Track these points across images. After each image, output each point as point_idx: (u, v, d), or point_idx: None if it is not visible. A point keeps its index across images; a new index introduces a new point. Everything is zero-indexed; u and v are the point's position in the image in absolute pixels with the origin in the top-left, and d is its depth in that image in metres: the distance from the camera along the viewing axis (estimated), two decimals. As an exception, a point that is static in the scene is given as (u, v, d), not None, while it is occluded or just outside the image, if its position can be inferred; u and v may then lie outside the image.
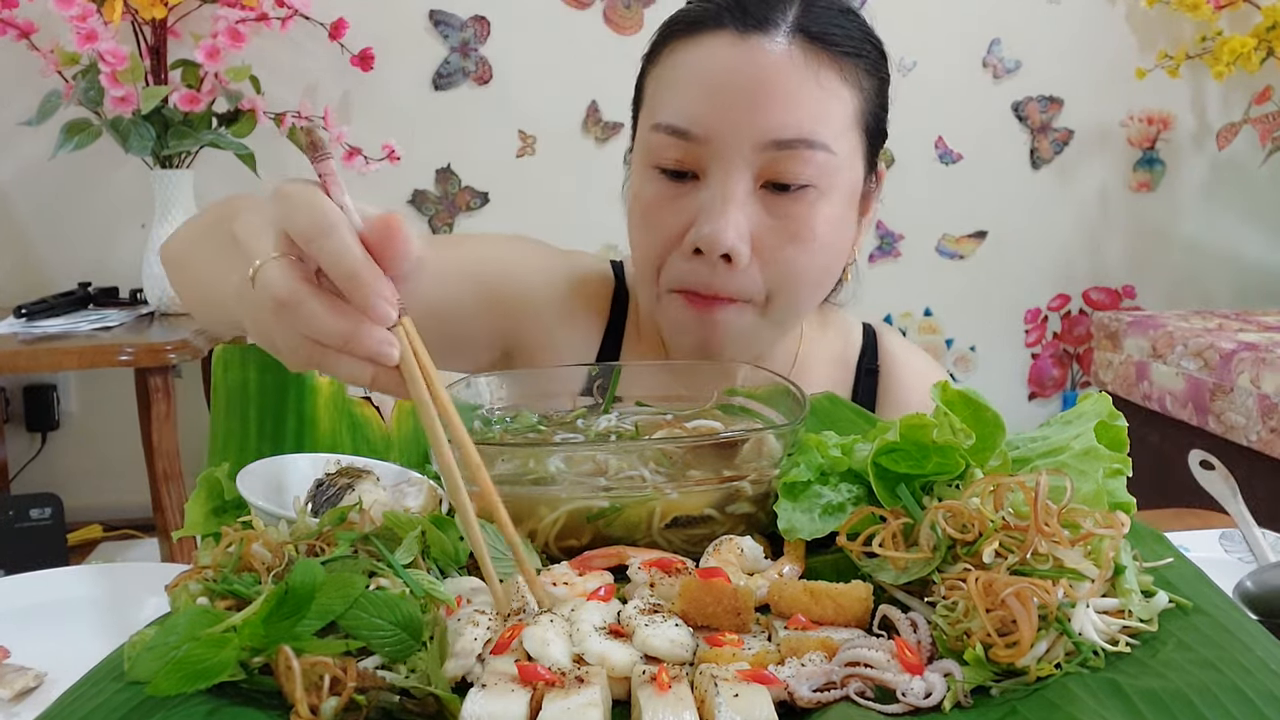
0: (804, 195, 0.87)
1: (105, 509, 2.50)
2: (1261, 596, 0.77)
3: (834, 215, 0.89)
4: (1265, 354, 2.04)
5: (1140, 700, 0.48)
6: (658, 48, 0.92)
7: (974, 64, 2.75)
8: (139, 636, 0.52)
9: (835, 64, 0.87)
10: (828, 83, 0.87)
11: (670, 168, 0.88)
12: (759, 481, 0.68)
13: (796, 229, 0.87)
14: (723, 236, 0.85)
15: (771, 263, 0.88)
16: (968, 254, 2.84)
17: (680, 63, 0.89)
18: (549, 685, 0.49)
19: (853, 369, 1.09)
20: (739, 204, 0.86)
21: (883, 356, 1.10)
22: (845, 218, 0.92)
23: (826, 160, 0.87)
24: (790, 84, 0.85)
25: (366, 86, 2.49)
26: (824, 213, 0.88)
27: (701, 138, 0.86)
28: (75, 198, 2.47)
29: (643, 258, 0.92)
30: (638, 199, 0.92)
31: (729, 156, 0.86)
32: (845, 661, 0.52)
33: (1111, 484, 0.64)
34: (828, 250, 0.90)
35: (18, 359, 1.97)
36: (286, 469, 0.75)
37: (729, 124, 0.85)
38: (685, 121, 0.86)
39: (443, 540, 0.62)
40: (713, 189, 0.86)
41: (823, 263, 0.91)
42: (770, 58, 0.85)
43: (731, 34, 0.86)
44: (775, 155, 0.85)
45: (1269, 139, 2.73)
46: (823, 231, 0.88)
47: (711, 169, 0.86)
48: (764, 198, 0.87)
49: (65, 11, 2.06)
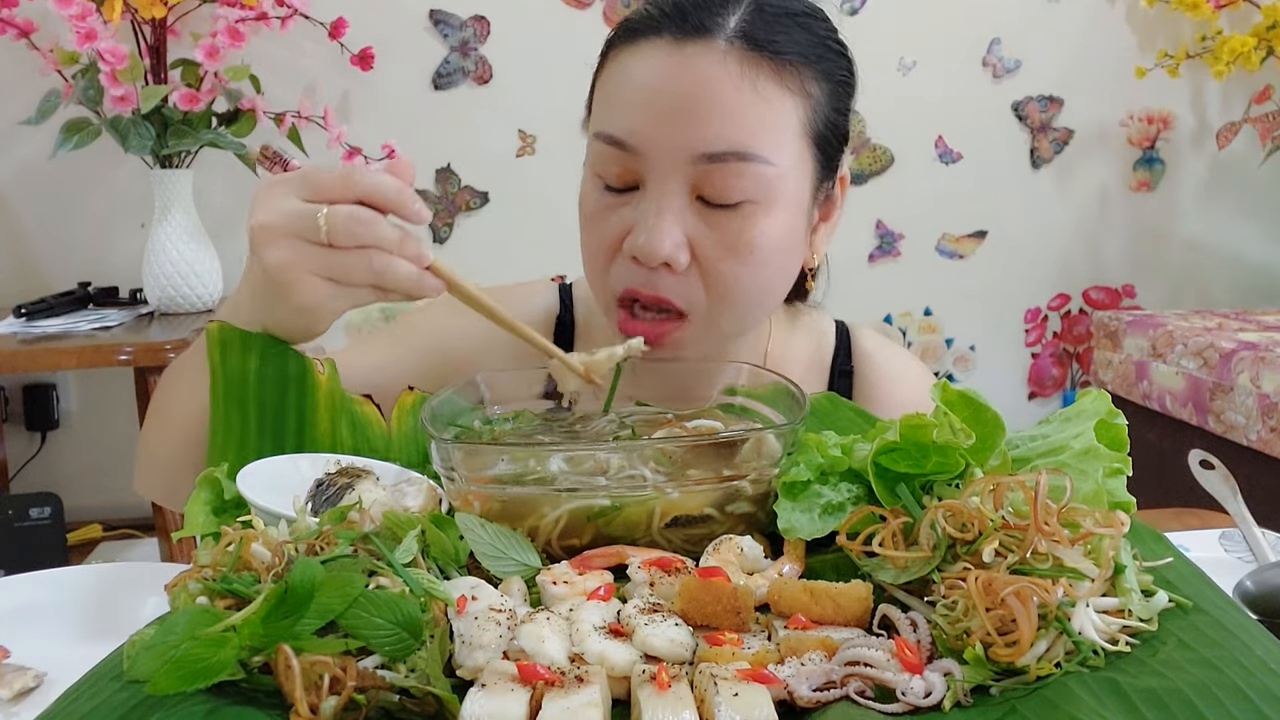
0: (741, 209, 0.85)
1: (105, 508, 2.50)
2: (1261, 596, 0.77)
3: (776, 228, 0.87)
4: (1265, 354, 2.04)
5: (1140, 700, 0.48)
6: (605, 52, 0.92)
7: (974, 64, 2.75)
8: (139, 636, 0.52)
9: (776, 72, 0.85)
10: (767, 92, 0.84)
11: (612, 182, 0.88)
12: (759, 481, 0.68)
13: (734, 242, 0.86)
14: (658, 247, 0.84)
15: (710, 274, 0.87)
16: (968, 254, 2.84)
17: (619, 70, 0.89)
18: (549, 685, 0.49)
19: (826, 371, 1.07)
20: (674, 215, 0.85)
21: (857, 357, 1.08)
22: (792, 228, 0.89)
23: (764, 172, 0.84)
24: (724, 95, 0.83)
25: (366, 86, 2.49)
26: (764, 226, 0.86)
27: (636, 149, 0.85)
28: (75, 197, 2.47)
29: (591, 266, 0.93)
30: (582, 207, 0.92)
31: (663, 168, 0.85)
32: (845, 661, 0.52)
33: (1111, 483, 0.64)
34: (769, 263, 0.88)
35: (17, 359, 1.97)
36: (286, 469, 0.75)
37: (662, 137, 0.84)
38: (621, 133, 0.86)
39: (443, 540, 0.62)
40: (649, 200, 0.86)
41: (764, 276, 0.89)
42: (704, 67, 0.83)
43: (669, 41, 0.85)
44: (709, 168, 0.84)
45: (1269, 138, 2.73)
46: (762, 245, 0.86)
47: (648, 180, 0.86)
48: (701, 209, 0.86)
49: (65, 11, 2.06)
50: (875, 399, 1.04)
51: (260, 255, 0.74)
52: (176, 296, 2.23)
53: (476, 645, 0.52)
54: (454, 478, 0.68)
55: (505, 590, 0.60)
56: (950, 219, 2.82)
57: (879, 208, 2.77)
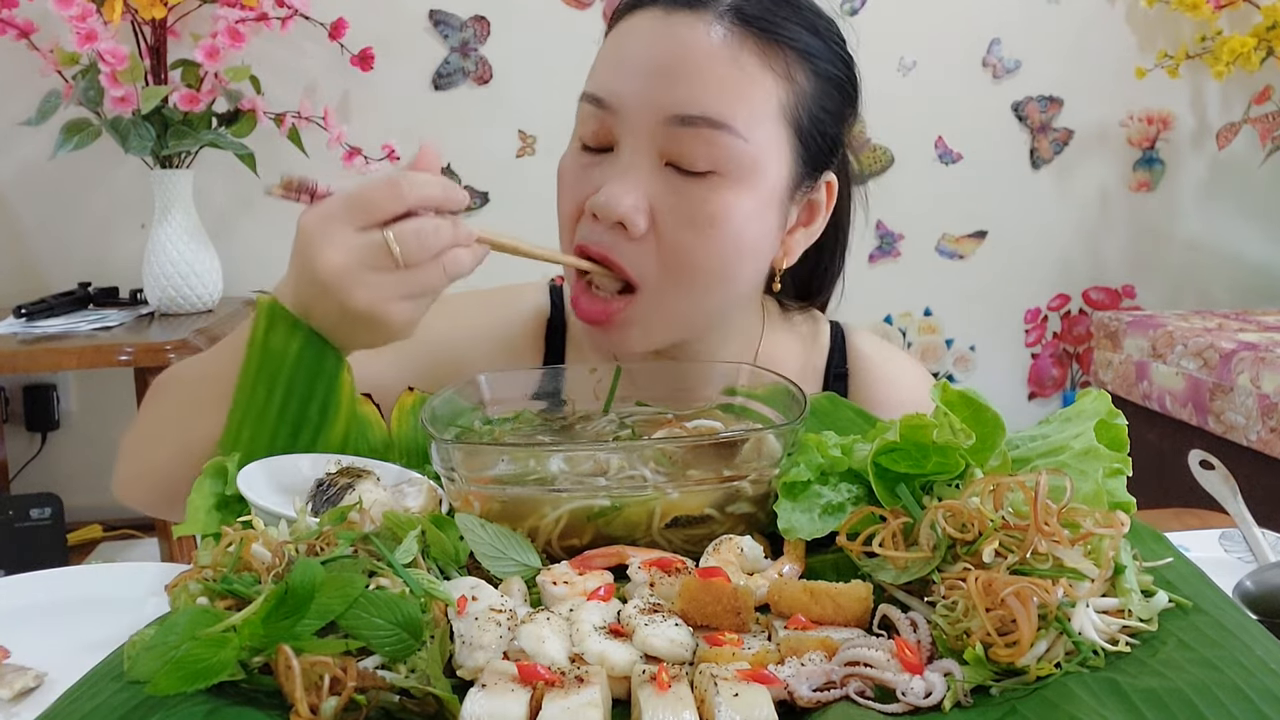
0: (707, 179, 0.85)
1: (105, 509, 2.50)
2: (1261, 596, 0.77)
3: (742, 206, 0.86)
4: (1265, 354, 2.04)
5: (1140, 700, 0.48)
6: (608, 28, 0.94)
7: (974, 64, 2.75)
8: (139, 636, 0.52)
9: (761, 50, 0.85)
10: (748, 66, 0.84)
11: (589, 140, 0.89)
12: (759, 481, 0.68)
13: (695, 211, 0.85)
14: (617, 203, 0.84)
15: (667, 244, 0.86)
16: (968, 254, 2.84)
17: (613, 38, 0.91)
18: (549, 685, 0.49)
19: (820, 374, 1.06)
20: (639, 175, 0.85)
21: (853, 359, 1.06)
22: (760, 215, 0.88)
23: (734, 144, 0.84)
24: (702, 60, 0.84)
25: (366, 86, 2.49)
26: (729, 200, 0.85)
27: (613, 107, 0.86)
28: (75, 198, 2.47)
29: (561, 227, 0.92)
30: (559, 169, 0.92)
31: (636, 128, 0.85)
32: (845, 661, 0.52)
33: (1111, 483, 0.64)
34: (730, 242, 0.86)
35: (17, 359, 1.97)
36: (286, 469, 0.75)
37: (635, 95, 0.85)
38: (600, 90, 0.88)
39: (443, 540, 0.62)
40: (619, 159, 0.86)
41: (722, 255, 0.87)
42: (688, 33, 0.84)
43: (660, 11, 0.87)
44: (679, 132, 0.84)
45: (1269, 139, 2.73)
46: (724, 221, 0.85)
47: (622, 140, 0.86)
48: (669, 176, 0.85)
49: (65, 11, 2.05)
50: (872, 402, 1.03)
51: (346, 299, 0.74)
52: (177, 297, 2.23)
53: (476, 645, 0.52)
54: (454, 478, 0.68)
55: (505, 590, 0.60)
56: (950, 219, 2.82)
57: (879, 208, 2.77)
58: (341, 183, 0.77)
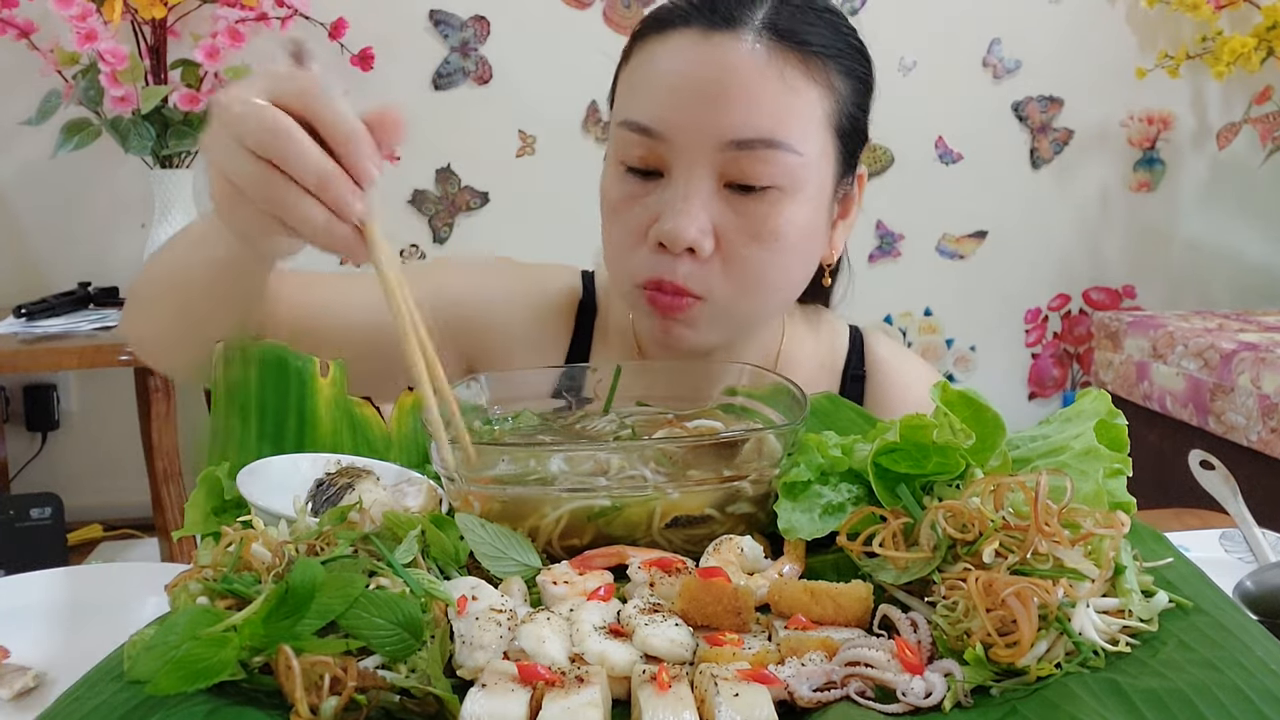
0: (767, 195, 0.86)
1: (105, 509, 2.50)
2: (1261, 596, 0.77)
3: (801, 217, 0.88)
4: (1265, 354, 2.04)
5: (1140, 700, 0.48)
6: (631, 45, 0.93)
7: (974, 64, 2.75)
8: (139, 636, 0.52)
9: (803, 63, 0.86)
10: (794, 82, 0.86)
11: (636, 165, 0.88)
12: (759, 481, 0.68)
13: (759, 229, 0.86)
14: (684, 232, 0.84)
15: (734, 260, 0.87)
16: (968, 254, 2.84)
17: (647, 60, 0.89)
18: (549, 685, 0.49)
19: (838, 374, 1.07)
20: (701, 200, 0.86)
21: (870, 362, 1.08)
22: (814, 219, 0.90)
23: (791, 160, 0.86)
24: (753, 83, 0.84)
25: (366, 86, 2.49)
26: (789, 214, 0.87)
27: (664, 136, 0.86)
28: (75, 198, 2.47)
29: (612, 253, 0.93)
30: (606, 196, 0.92)
31: (691, 155, 0.85)
32: (845, 661, 0.52)
33: (1111, 484, 0.64)
34: (792, 252, 0.89)
35: (18, 359, 1.97)
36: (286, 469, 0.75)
37: (690, 123, 0.85)
38: (648, 119, 0.86)
39: (443, 540, 0.62)
40: (675, 186, 0.86)
41: (786, 264, 0.90)
42: (733, 56, 0.84)
43: (698, 32, 0.86)
44: (736, 155, 0.85)
45: (1269, 139, 2.73)
46: (787, 232, 0.87)
47: (675, 166, 0.86)
48: (728, 196, 0.87)
49: (65, 11, 2.06)
50: (887, 404, 1.05)
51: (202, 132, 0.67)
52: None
53: (477, 645, 0.52)
54: (454, 478, 0.68)
55: (505, 590, 0.60)
56: (950, 219, 2.82)
57: (879, 208, 2.77)
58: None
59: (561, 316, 1.06)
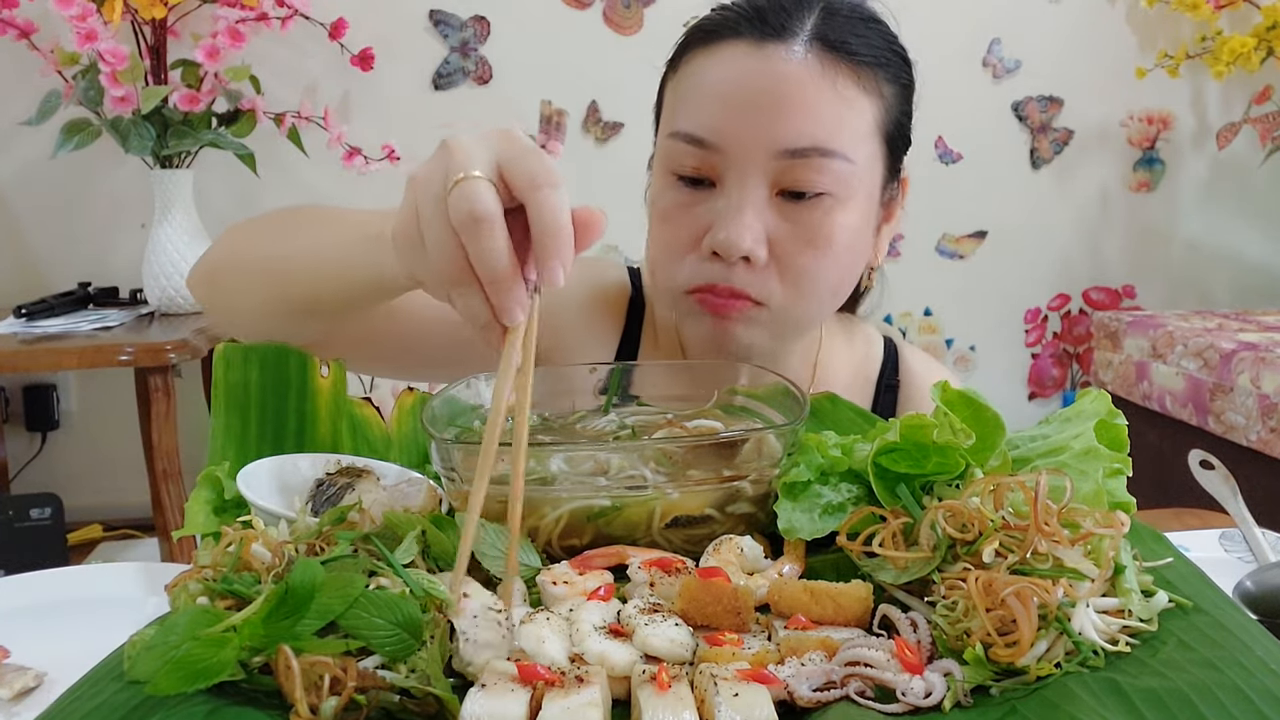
0: (820, 202, 0.87)
1: (105, 509, 2.50)
2: (1261, 596, 0.77)
3: (851, 222, 0.89)
4: (1265, 354, 2.04)
5: (1140, 700, 0.48)
6: (678, 56, 0.93)
7: (974, 64, 2.75)
8: (139, 636, 0.52)
9: (853, 73, 0.87)
10: (845, 91, 0.87)
11: (688, 175, 0.89)
12: (759, 481, 0.68)
13: (812, 235, 0.88)
14: (739, 240, 0.85)
15: (788, 268, 0.89)
16: (968, 254, 2.84)
17: (698, 71, 0.90)
18: (549, 685, 0.49)
19: (873, 383, 1.09)
20: (755, 209, 0.86)
21: (904, 372, 1.10)
22: (864, 225, 0.92)
23: (843, 168, 0.87)
24: (806, 93, 0.85)
25: (366, 86, 2.49)
26: (841, 220, 0.88)
27: (717, 146, 0.86)
28: (75, 198, 2.47)
29: (662, 261, 0.93)
30: (656, 204, 0.92)
31: (744, 164, 0.86)
32: (845, 661, 0.52)
33: (1111, 484, 0.64)
34: (844, 257, 0.91)
35: (18, 359, 1.97)
36: (286, 469, 0.75)
37: (744, 133, 0.86)
38: (701, 130, 0.87)
39: (443, 540, 0.62)
40: (729, 195, 0.87)
41: (839, 269, 0.91)
42: (786, 67, 0.85)
43: (749, 43, 0.87)
44: (790, 164, 0.86)
45: (1269, 139, 2.73)
46: (839, 238, 0.89)
47: (728, 176, 0.87)
48: (780, 204, 0.88)
49: (65, 11, 2.05)
50: None
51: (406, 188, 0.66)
52: (177, 297, 2.23)
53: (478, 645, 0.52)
54: (454, 478, 0.68)
55: (505, 590, 0.60)
56: (950, 219, 2.82)
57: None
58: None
59: (612, 310, 1.07)
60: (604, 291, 1.07)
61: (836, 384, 1.05)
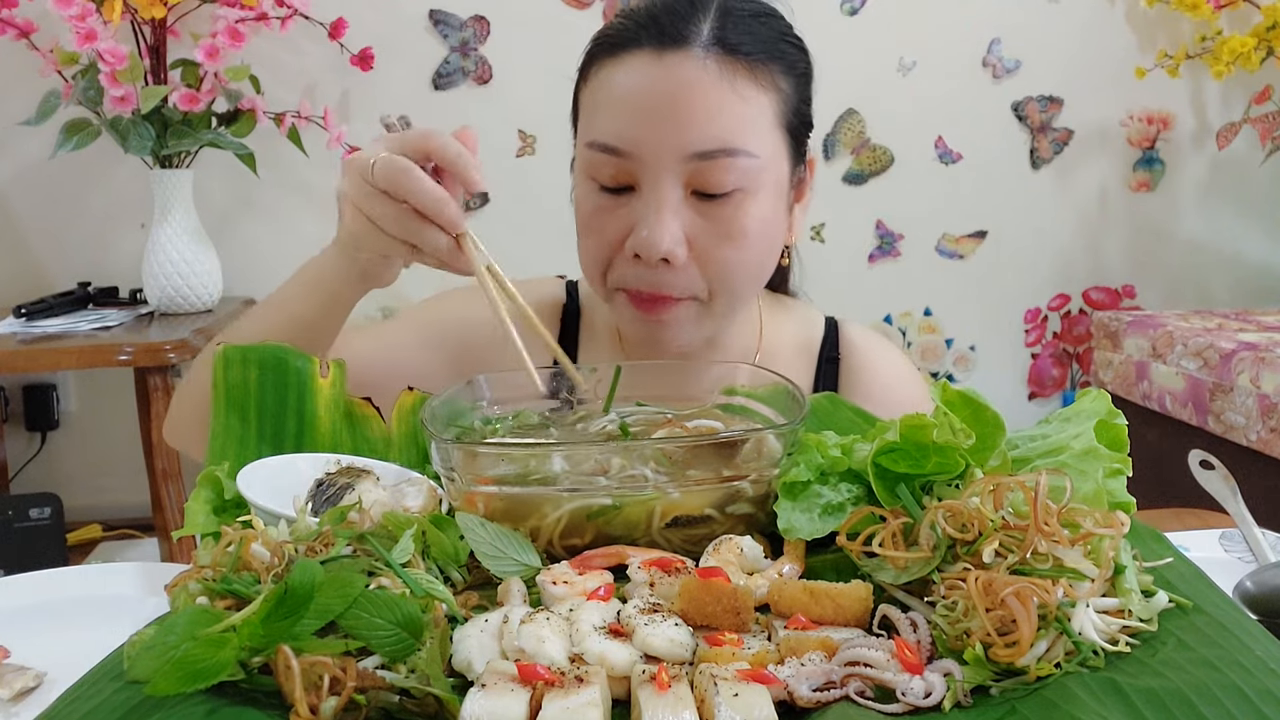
0: (731, 199, 0.91)
1: (105, 509, 2.50)
2: (1261, 596, 0.77)
3: (763, 212, 0.94)
4: (1265, 354, 2.04)
5: (1140, 700, 0.48)
6: (586, 65, 0.97)
7: (974, 64, 2.75)
8: (139, 636, 0.52)
9: (751, 72, 0.91)
10: (744, 91, 0.91)
11: (607, 184, 0.93)
12: (759, 481, 0.68)
13: (728, 229, 0.92)
14: (659, 243, 0.90)
15: (708, 261, 0.93)
16: (968, 254, 2.84)
17: (606, 82, 0.94)
18: (549, 685, 0.49)
19: (814, 357, 1.13)
20: (672, 211, 0.91)
21: (844, 345, 1.14)
22: (775, 210, 0.96)
23: (749, 164, 0.91)
24: (708, 98, 0.89)
25: (366, 86, 2.49)
26: (752, 211, 0.93)
27: (631, 154, 0.91)
28: (75, 198, 2.47)
29: (590, 263, 0.98)
30: (580, 210, 0.97)
31: (657, 169, 0.90)
32: (845, 661, 0.52)
33: (1111, 484, 0.64)
34: (759, 244, 0.95)
35: (17, 359, 1.97)
36: (286, 469, 0.75)
37: (654, 140, 0.90)
38: (614, 140, 0.91)
39: (443, 540, 0.62)
40: (646, 199, 0.91)
41: (756, 257, 0.96)
42: (687, 73, 0.89)
43: (650, 52, 0.91)
44: (700, 165, 0.90)
45: (1269, 139, 2.73)
46: (753, 228, 0.93)
47: (643, 181, 0.91)
48: (695, 203, 0.92)
49: (64, 11, 2.05)
50: (859, 385, 1.11)
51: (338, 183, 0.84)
52: (176, 296, 2.23)
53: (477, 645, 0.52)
54: (454, 478, 0.68)
55: (505, 590, 0.60)
56: (950, 219, 2.82)
57: (879, 208, 2.77)
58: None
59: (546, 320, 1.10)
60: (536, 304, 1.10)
61: (780, 357, 1.10)
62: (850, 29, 2.64)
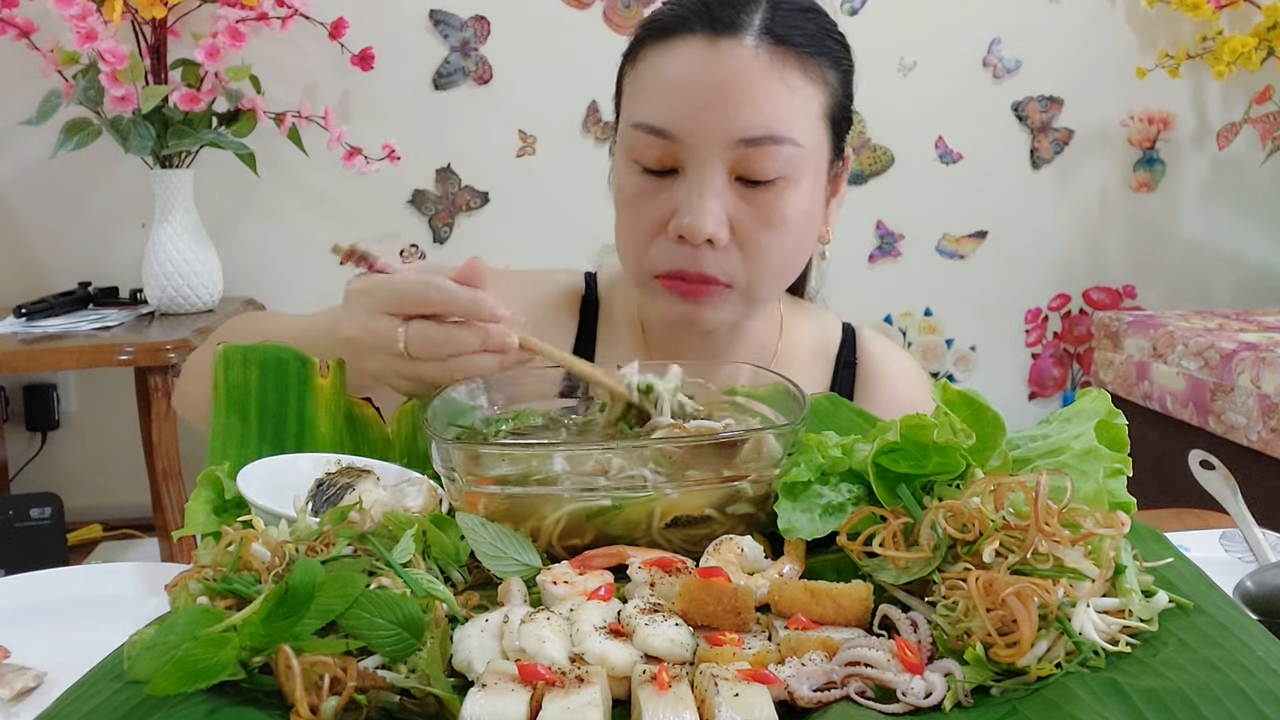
0: (774, 186, 0.93)
1: (105, 508, 2.50)
2: (1261, 596, 0.77)
3: (803, 202, 0.96)
4: (1265, 354, 2.04)
5: (1140, 700, 0.48)
6: (634, 49, 0.99)
7: (974, 64, 2.75)
8: (139, 636, 0.52)
9: (800, 63, 0.93)
10: (793, 81, 0.93)
11: (651, 166, 0.94)
12: (759, 481, 0.68)
13: (769, 215, 0.94)
14: (703, 224, 0.91)
15: (748, 246, 0.95)
16: (968, 254, 2.84)
17: (656, 66, 0.95)
18: (549, 685, 0.49)
19: (832, 362, 1.15)
20: (716, 194, 0.92)
21: (861, 352, 1.15)
22: (814, 202, 0.98)
23: (794, 153, 0.93)
24: (757, 85, 0.91)
25: (366, 86, 2.49)
26: (794, 200, 0.95)
27: (677, 137, 0.92)
28: (75, 198, 2.47)
29: (629, 245, 0.99)
30: (622, 192, 0.98)
31: (703, 153, 0.92)
32: (845, 661, 0.52)
33: (1112, 484, 0.64)
34: (798, 233, 0.97)
35: (18, 359, 1.97)
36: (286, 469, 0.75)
37: (702, 124, 0.91)
38: (662, 122, 0.92)
39: (443, 540, 0.62)
40: (690, 182, 0.93)
41: (794, 245, 0.98)
42: (738, 61, 0.91)
43: (702, 39, 0.92)
44: (745, 151, 0.92)
45: (1269, 139, 2.73)
46: (793, 217, 0.95)
47: (688, 164, 0.93)
48: (738, 188, 0.94)
49: (65, 11, 2.05)
50: (876, 392, 1.12)
51: (356, 363, 0.83)
52: (177, 296, 2.23)
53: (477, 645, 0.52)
54: (454, 478, 0.68)
55: (505, 590, 0.60)
56: (950, 219, 2.82)
57: (879, 208, 2.77)
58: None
59: (564, 310, 1.13)
60: (553, 295, 1.14)
61: (797, 358, 1.12)
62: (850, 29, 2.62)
